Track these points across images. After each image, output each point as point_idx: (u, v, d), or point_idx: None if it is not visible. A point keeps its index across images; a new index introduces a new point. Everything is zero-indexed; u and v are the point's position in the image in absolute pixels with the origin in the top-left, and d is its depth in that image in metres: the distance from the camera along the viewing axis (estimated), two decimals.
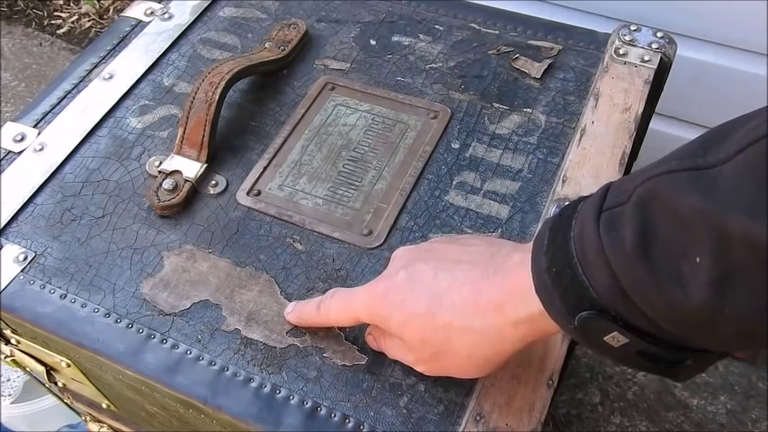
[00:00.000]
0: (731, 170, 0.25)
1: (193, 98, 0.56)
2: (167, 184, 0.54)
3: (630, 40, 0.60)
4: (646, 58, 0.59)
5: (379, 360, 0.46)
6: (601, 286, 0.30)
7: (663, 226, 0.27)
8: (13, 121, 0.60)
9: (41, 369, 0.62)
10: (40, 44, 1.70)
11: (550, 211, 0.51)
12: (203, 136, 0.55)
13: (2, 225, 0.53)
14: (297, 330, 0.47)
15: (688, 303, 0.26)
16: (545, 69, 0.61)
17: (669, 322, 0.29)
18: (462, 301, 0.37)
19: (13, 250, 0.52)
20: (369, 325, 0.45)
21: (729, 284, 0.25)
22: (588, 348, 0.33)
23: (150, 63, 0.64)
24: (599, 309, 0.30)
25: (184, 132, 0.56)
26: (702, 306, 0.26)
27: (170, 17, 0.68)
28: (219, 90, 0.56)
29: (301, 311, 0.46)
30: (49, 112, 0.61)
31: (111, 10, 1.74)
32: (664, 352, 0.31)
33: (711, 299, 0.26)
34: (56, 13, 1.76)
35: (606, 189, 0.31)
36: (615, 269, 0.29)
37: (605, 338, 0.31)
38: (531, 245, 0.34)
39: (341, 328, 0.47)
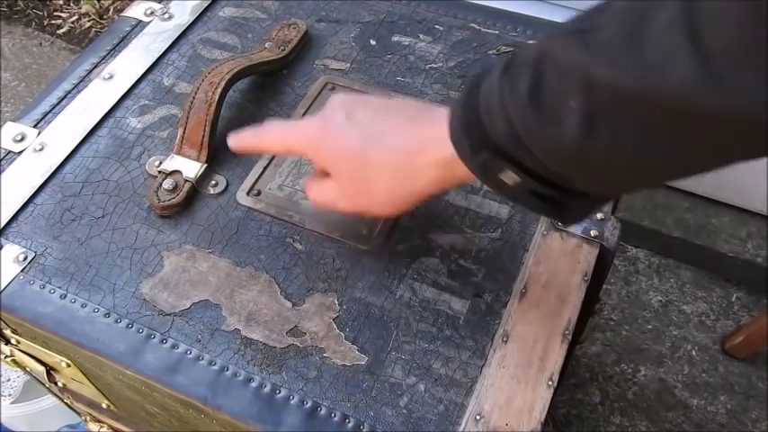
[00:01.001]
0: (605, 31, 0.30)
1: (193, 98, 0.56)
2: (167, 184, 0.54)
3: None
4: None
5: (379, 360, 0.46)
6: (499, 130, 0.35)
7: (549, 78, 0.32)
8: (13, 121, 0.60)
9: (41, 369, 0.62)
10: (40, 44, 1.70)
11: None
12: (203, 136, 0.55)
13: (2, 225, 0.54)
14: (297, 330, 0.47)
15: (564, 140, 0.32)
16: None
17: (553, 159, 0.34)
18: (392, 143, 0.42)
19: (13, 250, 0.52)
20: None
21: (594, 123, 0.30)
22: (489, 187, 0.38)
23: (150, 63, 0.64)
24: (497, 151, 0.36)
25: (184, 132, 0.56)
26: (574, 140, 0.31)
27: (170, 17, 0.68)
28: (219, 90, 0.56)
29: (239, 135, 0.50)
30: (49, 112, 0.61)
31: (111, 10, 1.74)
32: (553, 193, 0.36)
33: (581, 133, 0.31)
34: (56, 13, 1.76)
35: (513, 54, 0.36)
36: (511, 115, 0.34)
37: (501, 177, 0.37)
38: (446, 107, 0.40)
39: (340, 329, 0.47)
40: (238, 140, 0.50)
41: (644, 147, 0.30)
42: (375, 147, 0.42)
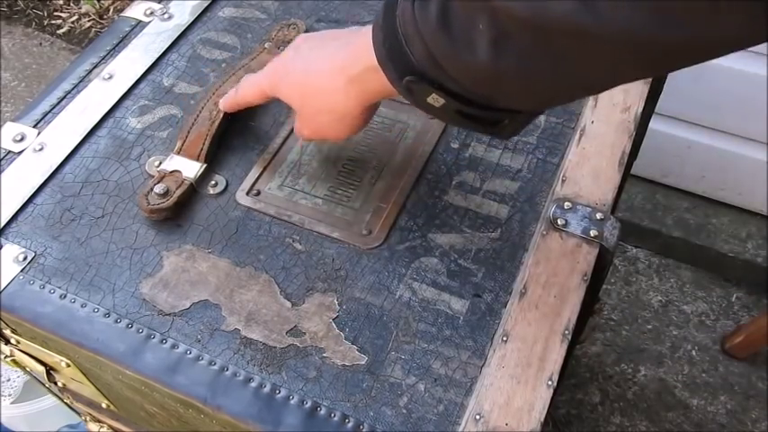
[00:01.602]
0: None
1: (198, 114, 0.57)
2: (158, 188, 0.54)
3: None
4: None
5: (379, 360, 0.46)
6: (418, 55, 0.37)
7: (457, 3, 0.34)
8: (13, 121, 0.60)
9: (41, 369, 0.62)
10: (40, 44, 1.70)
11: (550, 210, 0.51)
12: (201, 149, 0.56)
13: (2, 225, 0.53)
14: (296, 330, 0.47)
15: (477, 62, 0.34)
16: None
17: (470, 81, 0.36)
18: (323, 66, 0.45)
19: (12, 250, 0.52)
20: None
21: (502, 44, 0.33)
22: (419, 108, 0.40)
23: (150, 63, 0.64)
24: (419, 74, 0.37)
25: (183, 144, 0.56)
26: (487, 63, 0.33)
27: (170, 17, 0.68)
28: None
29: (225, 98, 0.56)
30: (49, 112, 0.61)
31: (111, 10, 1.74)
32: (479, 112, 0.38)
33: (492, 56, 0.33)
34: (56, 13, 1.76)
35: None
36: (426, 40, 0.36)
37: (428, 99, 0.38)
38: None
39: (340, 329, 0.47)
40: (224, 102, 0.56)
41: (549, 68, 0.33)
42: (312, 71, 0.46)
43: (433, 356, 0.46)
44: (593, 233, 0.50)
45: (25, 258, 0.52)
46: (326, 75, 0.45)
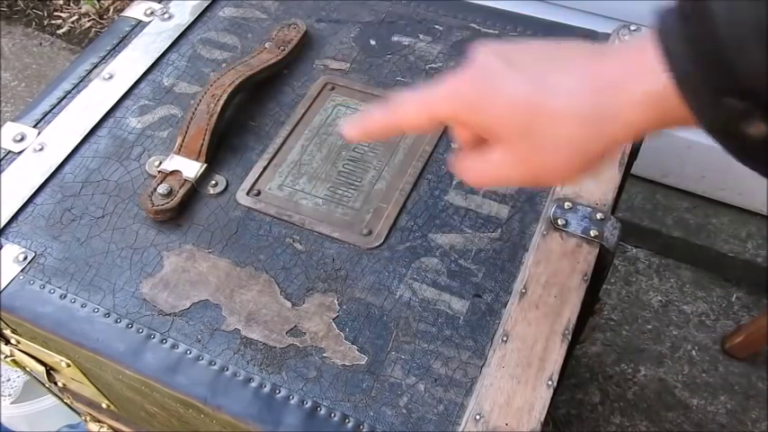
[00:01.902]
0: None
1: (195, 109, 0.56)
2: (162, 188, 0.54)
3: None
4: None
5: (379, 360, 0.46)
6: (753, 66, 0.28)
7: None
8: (13, 121, 0.60)
9: (41, 369, 0.62)
10: (40, 44, 1.70)
11: (550, 210, 0.51)
12: (202, 144, 0.56)
13: (2, 225, 0.54)
14: (296, 330, 0.47)
15: None
16: None
17: None
18: (574, 84, 0.33)
19: (12, 250, 0.52)
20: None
21: None
22: (717, 140, 0.30)
23: (150, 63, 0.64)
24: (745, 92, 0.28)
25: (183, 140, 0.56)
26: None
27: (170, 17, 0.68)
28: (222, 102, 0.57)
29: (365, 118, 0.40)
30: (49, 112, 0.61)
31: (111, 10, 1.74)
32: None
33: None
34: (56, 13, 1.76)
35: None
36: None
37: (747, 129, 0.29)
38: (642, 36, 0.32)
39: (340, 329, 0.47)
40: (361, 127, 0.40)
41: None
42: (551, 90, 0.34)
43: (433, 356, 0.46)
44: (593, 233, 0.50)
45: (25, 258, 0.52)
46: (585, 95, 0.33)
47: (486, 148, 0.37)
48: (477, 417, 0.43)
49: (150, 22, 0.68)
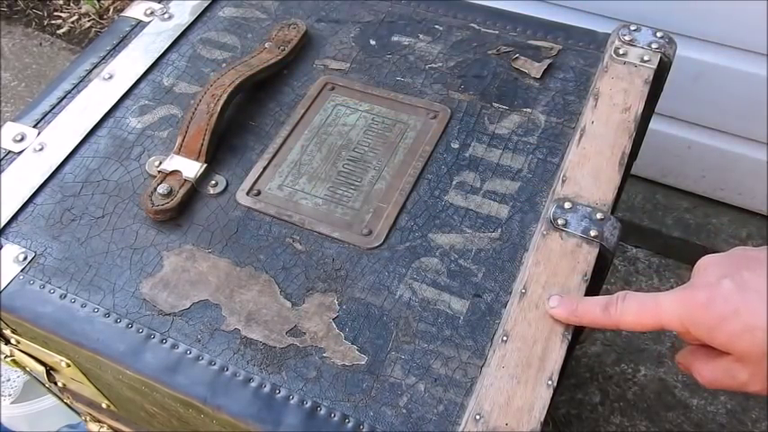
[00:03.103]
0: None
1: (195, 109, 0.56)
2: (162, 189, 0.54)
3: (630, 40, 0.60)
4: (645, 58, 0.59)
5: (379, 360, 0.46)
6: None
7: None
8: (13, 121, 0.60)
9: (41, 369, 0.62)
10: (40, 44, 1.70)
11: (550, 211, 0.51)
12: (202, 144, 0.56)
13: (2, 225, 0.54)
14: (296, 330, 0.47)
15: None
16: (545, 69, 0.61)
17: None
18: None
19: (13, 250, 0.52)
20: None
21: None
22: None
23: (150, 63, 0.64)
24: None
25: (183, 140, 0.56)
26: None
27: (170, 17, 0.68)
28: (221, 102, 0.57)
29: (577, 309, 0.44)
30: (49, 112, 0.61)
31: (111, 10, 1.74)
32: None
33: None
34: (56, 13, 1.76)
35: None
36: None
37: None
38: None
39: (340, 329, 0.47)
40: (573, 314, 0.44)
41: None
42: None
43: (433, 356, 0.46)
44: (593, 233, 0.50)
45: (25, 258, 0.52)
46: None
47: (715, 351, 0.38)
48: (477, 417, 0.43)
49: (150, 22, 0.68)
